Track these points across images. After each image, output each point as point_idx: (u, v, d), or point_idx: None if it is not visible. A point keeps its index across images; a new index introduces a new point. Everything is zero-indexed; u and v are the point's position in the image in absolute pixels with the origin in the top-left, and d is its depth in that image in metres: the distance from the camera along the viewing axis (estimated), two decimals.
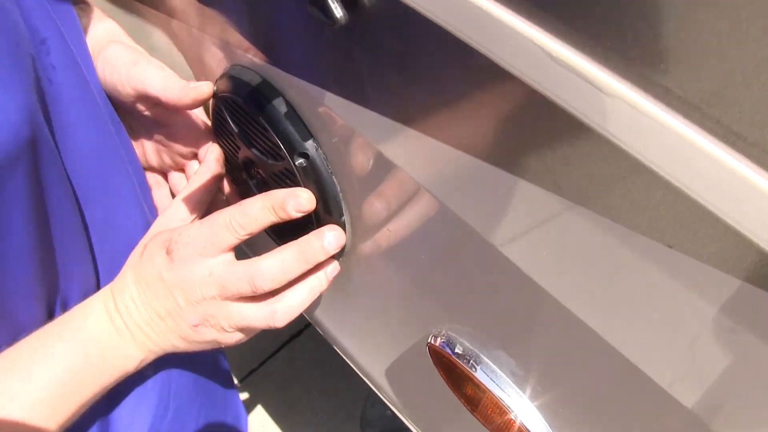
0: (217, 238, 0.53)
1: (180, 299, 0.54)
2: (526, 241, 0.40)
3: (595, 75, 0.30)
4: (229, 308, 0.54)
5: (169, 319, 0.55)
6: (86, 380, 0.53)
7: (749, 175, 0.27)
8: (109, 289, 0.56)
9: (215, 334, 0.56)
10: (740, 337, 0.32)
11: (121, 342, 0.55)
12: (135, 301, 0.55)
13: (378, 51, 0.43)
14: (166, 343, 0.56)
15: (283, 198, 0.53)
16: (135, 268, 0.56)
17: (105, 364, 0.54)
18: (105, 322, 0.55)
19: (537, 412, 0.50)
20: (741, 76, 0.26)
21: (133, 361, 0.56)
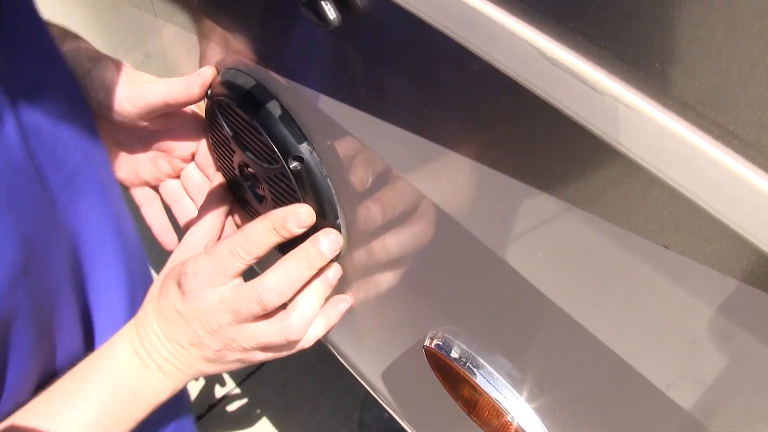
0: (223, 266, 0.54)
1: (198, 329, 0.56)
2: (522, 242, 0.40)
3: (590, 74, 0.30)
4: (246, 330, 0.55)
5: (192, 348, 0.57)
6: (121, 417, 0.56)
7: (745, 174, 0.27)
8: (133, 325, 0.58)
9: (239, 355, 0.58)
10: (737, 338, 0.32)
11: (149, 376, 0.57)
12: (157, 335, 0.57)
13: (372, 53, 0.43)
14: (194, 369, 0.58)
15: (283, 217, 0.54)
16: (154, 302, 0.58)
17: (137, 400, 0.57)
18: (132, 358, 0.57)
19: (534, 414, 0.50)
20: (737, 75, 0.26)
21: (164, 392, 0.58)
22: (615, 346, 0.38)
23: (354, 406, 1.49)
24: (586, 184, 0.34)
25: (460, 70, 0.37)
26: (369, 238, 0.54)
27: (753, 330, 0.31)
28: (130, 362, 0.57)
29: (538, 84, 0.32)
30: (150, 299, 0.59)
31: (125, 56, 0.92)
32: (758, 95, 0.26)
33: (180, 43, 0.70)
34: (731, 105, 0.27)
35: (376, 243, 0.54)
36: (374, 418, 1.39)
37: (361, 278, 0.59)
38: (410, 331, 0.58)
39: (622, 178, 0.32)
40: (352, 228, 0.56)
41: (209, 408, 1.49)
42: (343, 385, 1.53)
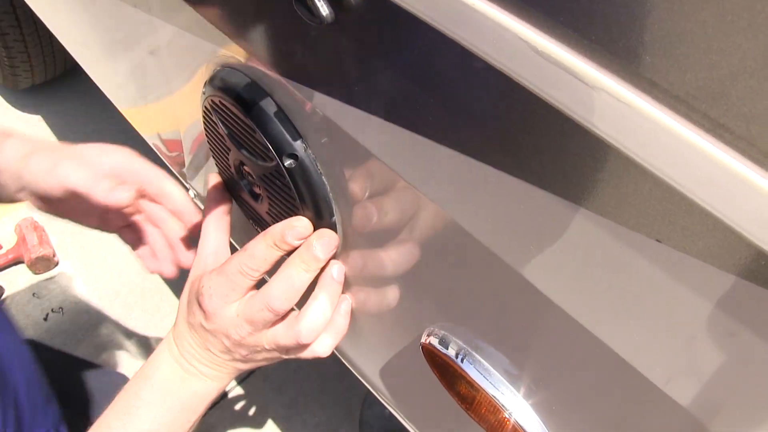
0: (235, 284, 0.58)
1: (225, 341, 0.60)
2: (515, 237, 0.40)
3: (580, 68, 0.30)
4: (266, 335, 0.60)
5: (224, 355, 0.62)
6: (173, 425, 0.62)
7: (737, 167, 0.27)
8: (171, 337, 0.64)
9: (265, 355, 0.62)
10: (731, 331, 0.32)
11: (194, 381, 0.63)
12: (193, 346, 0.62)
13: (365, 49, 0.43)
14: (232, 369, 0.64)
15: (282, 232, 0.57)
16: (184, 316, 0.63)
17: (185, 406, 0.63)
18: (175, 369, 0.63)
19: (531, 410, 0.49)
20: (727, 68, 0.26)
21: (211, 393, 0.64)
22: (611, 342, 0.38)
23: (355, 403, 1.49)
24: (577, 178, 0.34)
25: (452, 65, 0.37)
26: (365, 235, 0.54)
27: (747, 323, 0.31)
28: (173, 373, 0.62)
29: (529, 78, 0.32)
30: (181, 313, 0.64)
31: (123, 54, 0.92)
32: (749, 88, 0.26)
33: (175, 41, 0.70)
34: (722, 98, 0.27)
35: (372, 240, 0.54)
36: (375, 416, 1.39)
37: (357, 275, 0.59)
38: (407, 328, 0.58)
39: (614, 172, 0.31)
40: (347, 225, 0.56)
41: (211, 405, 1.49)
42: (345, 383, 1.53)
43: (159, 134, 1.00)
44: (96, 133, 1.98)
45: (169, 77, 0.78)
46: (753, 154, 0.27)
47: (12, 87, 1.99)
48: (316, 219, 0.56)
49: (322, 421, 1.49)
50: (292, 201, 0.57)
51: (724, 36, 0.26)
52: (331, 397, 1.52)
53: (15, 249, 1.67)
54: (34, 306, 1.63)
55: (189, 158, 0.90)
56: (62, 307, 1.63)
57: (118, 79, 1.03)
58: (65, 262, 1.71)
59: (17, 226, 1.71)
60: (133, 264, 1.71)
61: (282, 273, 0.57)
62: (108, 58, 1.01)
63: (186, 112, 0.79)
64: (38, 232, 1.69)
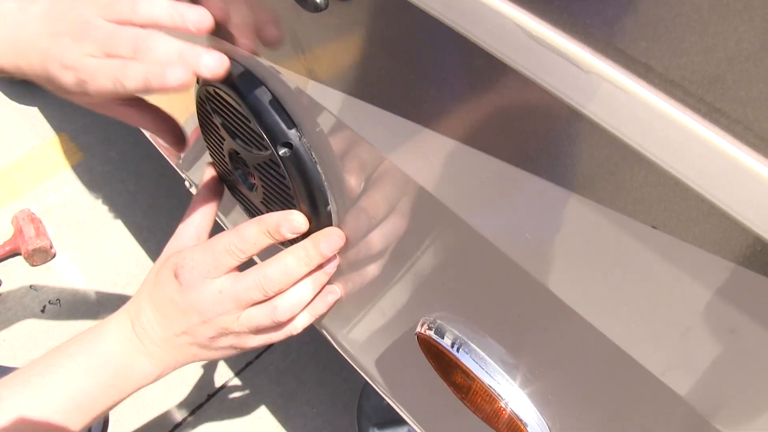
0: (219, 262, 0.57)
1: (194, 318, 0.58)
2: (510, 225, 0.40)
3: (574, 52, 0.30)
4: (241, 316, 0.58)
5: (185, 336, 0.59)
6: (98, 398, 0.58)
7: (733, 152, 0.27)
8: (125, 312, 0.61)
9: (232, 341, 0.60)
10: (727, 317, 0.31)
11: (135, 362, 0.59)
12: (152, 323, 0.60)
13: (359, 37, 0.42)
14: (184, 356, 0.61)
15: (278, 222, 0.56)
16: (149, 292, 0.61)
17: (118, 384, 0.59)
18: (121, 342, 0.59)
19: (527, 400, 0.49)
20: (723, 52, 0.26)
21: (148, 378, 0.61)
22: (608, 332, 0.38)
23: (353, 394, 1.49)
24: (572, 164, 0.34)
25: (446, 52, 0.36)
26: (360, 225, 0.54)
27: (742, 309, 0.31)
28: (118, 345, 0.59)
29: (524, 63, 0.32)
30: (144, 288, 0.61)
31: None
32: (744, 71, 0.25)
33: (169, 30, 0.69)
34: (718, 82, 0.26)
35: (367, 229, 0.54)
36: (373, 407, 1.39)
37: (352, 264, 0.59)
38: (403, 318, 0.58)
39: (609, 157, 0.31)
40: (342, 214, 0.56)
41: (208, 397, 1.49)
42: (342, 374, 1.53)
43: None
44: (93, 125, 1.97)
45: None
46: (749, 139, 0.26)
47: (9, 78, 1.98)
48: (311, 208, 0.56)
49: (320, 412, 1.49)
50: (286, 190, 0.56)
51: (720, 19, 0.25)
52: (329, 389, 1.52)
53: (12, 241, 1.67)
54: (31, 298, 1.62)
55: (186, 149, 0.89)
56: (59, 299, 1.63)
57: None
58: (62, 254, 1.71)
59: (14, 218, 1.70)
60: (131, 255, 1.71)
61: (280, 259, 0.57)
62: None
63: (183, 103, 0.79)
64: (35, 224, 1.68)
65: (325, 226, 0.57)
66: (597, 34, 0.29)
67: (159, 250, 0.65)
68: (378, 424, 1.36)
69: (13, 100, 2.05)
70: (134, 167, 1.89)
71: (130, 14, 0.51)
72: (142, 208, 1.79)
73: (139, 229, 1.76)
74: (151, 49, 0.50)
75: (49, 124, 1.98)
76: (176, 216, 0.68)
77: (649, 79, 0.28)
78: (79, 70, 0.51)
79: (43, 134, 1.95)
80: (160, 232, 1.73)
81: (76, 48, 0.51)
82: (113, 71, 0.50)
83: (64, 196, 1.82)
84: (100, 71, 0.51)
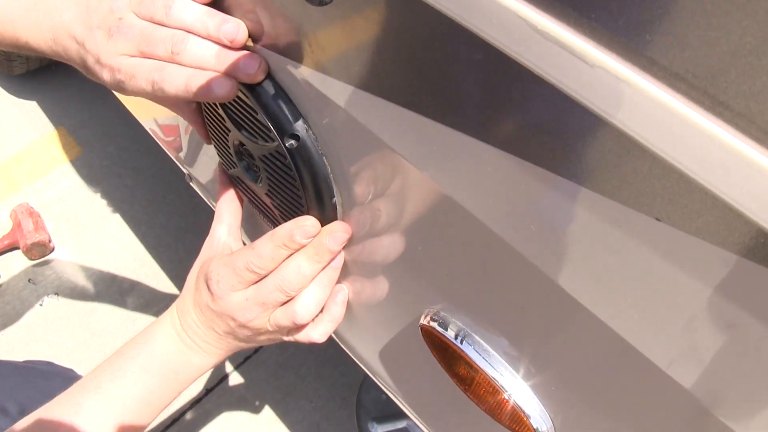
0: (241, 278, 0.60)
1: (230, 323, 0.62)
2: (515, 217, 0.40)
3: (580, 46, 0.30)
4: (270, 318, 0.62)
5: (227, 335, 0.64)
6: (164, 392, 0.65)
7: (736, 145, 0.27)
8: (175, 311, 0.66)
9: (268, 336, 0.64)
10: (730, 309, 0.32)
11: (192, 355, 0.65)
12: (196, 323, 0.64)
13: (364, 29, 0.42)
14: (232, 347, 0.66)
15: (290, 231, 0.58)
16: (191, 294, 0.65)
17: (179, 376, 0.65)
18: (175, 341, 0.65)
19: (531, 392, 0.50)
20: (726, 45, 0.26)
21: (206, 367, 0.67)
22: (612, 323, 0.38)
23: (351, 388, 1.49)
24: (577, 157, 0.34)
25: (451, 45, 0.37)
26: (365, 217, 0.54)
27: (745, 301, 0.31)
28: (172, 344, 0.64)
29: (529, 57, 0.32)
30: (188, 290, 0.66)
31: None
32: (748, 64, 0.26)
33: None
34: (722, 75, 0.27)
35: (373, 221, 0.54)
36: (372, 400, 1.39)
37: (357, 257, 0.59)
38: (406, 310, 0.58)
39: (613, 150, 0.32)
40: (347, 206, 0.56)
41: (207, 391, 1.50)
42: (341, 368, 1.54)
43: (156, 119, 1.00)
44: (92, 119, 1.97)
45: None
46: (753, 132, 0.27)
47: (7, 73, 1.98)
48: (317, 200, 0.56)
49: (318, 405, 1.49)
50: (292, 182, 0.57)
51: (724, 13, 0.26)
52: (328, 382, 1.52)
53: (10, 235, 1.67)
54: (29, 292, 1.62)
55: (186, 143, 0.89)
56: (58, 293, 1.63)
57: None
58: (61, 248, 1.71)
59: (12, 212, 1.70)
60: (129, 249, 1.71)
61: (294, 260, 0.59)
62: None
63: None
64: (34, 218, 1.68)
65: (330, 218, 0.58)
66: (602, 28, 0.30)
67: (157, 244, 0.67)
68: (377, 417, 1.36)
69: (11, 94, 2.04)
70: (133, 162, 1.88)
71: (162, 16, 0.51)
72: (141, 203, 1.79)
73: (137, 223, 1.76)
74: (188, 51, 0.51)
75: (48, 119, 1.97)
76: (174, 211, 0.68)
77: (653, 72, 0.29)
78: (115, 69, 0.52)
79: (42, 128, 1.94)
80: (159, 226, 1.74)
81: (111, 46, 0.52)
82: (151, 74, 0.51)
83: (63, 191, 1.82)
84: (137, 73, 0.52)
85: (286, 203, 0.61)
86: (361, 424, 1.38)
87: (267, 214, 0.67)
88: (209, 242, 0.68)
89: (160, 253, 1.69)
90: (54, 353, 1.52)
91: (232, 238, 0.68)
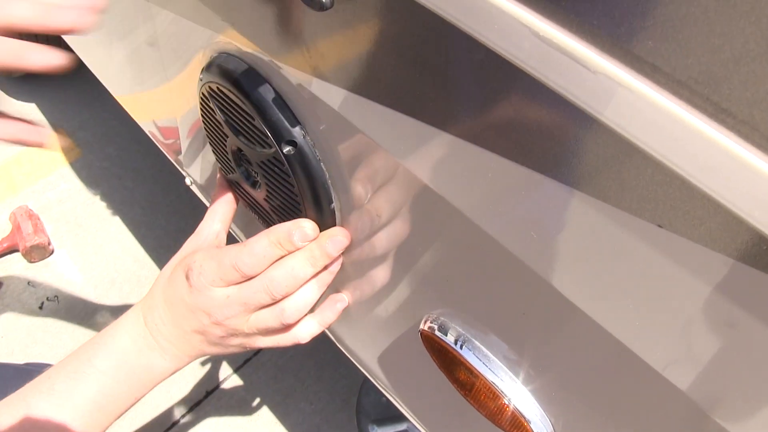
0: (225, 275, 0.58)
1: (204, 319, 0.59)
2: (516, 223, 0.40)
3: (582, 53, 0.30)
4: (250, 318, 0.59)
5: (195, 335, 0.61)
6: (120, 397, 0.61)
7: (740, 152, 0.27)
8: (139, 309, 0.63)
9: (241, 340, 0.61)
10: (730, 315, 0.32)
11: (152, 357, 0.61)
12: (163, 320, 0.61)
13: (364, 36, 0.42)
14: (196, 351, 0.62)
15: (288, 231, 0.56)
16: (163, 288, 0.62)
17: (136, 381, 0.61)
18: (135, 341, 0.61)
19: (531, 396, 0.50)
20: (729, 52, 0.26)
21: (165, 373, 0.63)
22: (611, 328, 0.38)
23: (351, 391, 1.49)
24: (579, 163, 0.34)
25: (450, 51, 0.37)
26: (364, 222, 0.54)
27: (746, 306, 0.31)
28: (133, 344, 0.61)
29: (531, 63, 0.32)
30: (159, 284, 0.63)
31: (118, 41, 0.92)
32: (751, 72, 0.26)
33: (172, 27, 0.69)
34: (724, 82, 0.27)
35: (371, 227, 0.54)
36: (372, 403, 1.39)
37: (356, 262, 0.59)
38: (406, 315, 0.58)
39: (616, 156, 0.31)
40: (346, 212, 0.56)
41: (207, 394, 1.49)
42: (341, 371, 1.54)
43: (155, 121, 1.00)
44: (91, 120, 1.97)
45: (166, 64, 0.77)
46: (756, 139, 0.27)
47: (6, 74, 1.98)
48: (315, 205, 0.56)
49: (318, 408, 1.49)
50: (290, 187, 0.57)
51: (727, 20, 0.26)
52: (328, 385, 1.52)
53: (10, 237, 1.67)
54: (29, 294, 1.62)
55: (185, 145, 0.89)
56: (57, 296, 1.63)
57: (113, 65, 1.02)
58: (60, 251, 1.71)
59: (12, 215, 1.70)
60: (129, 252, 1.71)
61: (286, 262, 0.57)
62: (103, 45, 1.00)
63: (183, 99, 0.79)
64: (33, 220, 1.68)
65: (329, 223, 0.57)
66: (604, 34, 0.29)
67: (157, 246, 0.66)
68: (377, 420, 1.36)
69: (11, 96, 2.04)
70: (132, 164, 1.89)
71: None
72: (140, 205, 1.79)
73: (137, 225, 1.76)
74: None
75: (47, 120, 1.97)
76: (174, 212, 0.68)
77: (656, 79, 0.29)
78: None
79: None
80: (158, 228, 1.74)
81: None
82: None
83: (62, 193, 1.82)
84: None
85: (285, 209, 0.60)
86: (361, 427, 1.38)
87: (266, 219, 0.67)
88: (194, 239, 0.65)
89: (160, 255, 1.69)
90: (54, 355, 1.52)
91: (219, 240, 0.65)
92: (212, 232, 0.65)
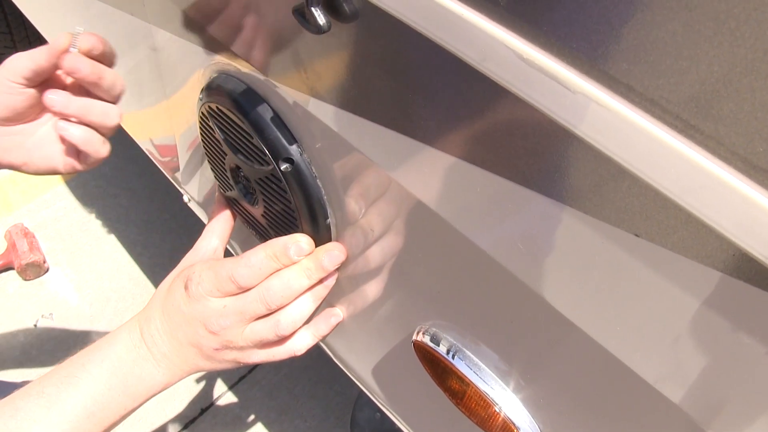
0: (222, 286, 0.58)
1: (200, 330, 0.59)
2: (504, 236, 0.42)
3: (563, 74, 0.32)
4: (245, 330, 0.59)
5: (190, 347, 0.61)
6: (111, 406, 0.60)
7: (707, 166, 0.29)
8: (137, 320, 0.62)
9: (236, 354, 0.61)
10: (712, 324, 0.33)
11: (145, 367, 0.61)
12: (159, 331, 0.61)
13: (360, 57, 0.44)
14: (190, 365, 0.62)
15: (285, 245, 0.58)
16: (161, 300, 0.62)
17: (128, 392, 0.61)
18: (130, 352, 0.61)
19: (521, 404, 0.51)
20: (695, 73, 0.28)
21: (157, 386, 0.62)
22: (598, 337, 0.39)
23: (346, 407, 1.49)
24: (561, 178, 0.36)
25: (442, 71, 0.39)
26: (358, 237, 0.56)
27: (720, 313, 0.33)
28: (127, 353, 0.60)
29: (515, 83, 0.34)
30: (157, 296, 0.63)
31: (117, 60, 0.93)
32: (715, 91, 0.28)
33: (171, 48, 0.71)
34: (692, 101, 0.29)
35: (366, 241, 0.55)
36: (366, 419, 1.40)
37: (351, 275, 0.61)
38: (399, 326, 0.59)
39: (595, 171, 0.33)
40: (341, 227, 0.57)
41: (201, 411, 1.49)
42: (335, 388, 1.54)
43: (152, 139, 1.01)
44: None
45: (165, 83, 0.79)
46: (722, 153, 0.29)
47: None
48: (311, 221, 0.57)
49: (313, 425, 1.50)
50: (287, 203, 0.58)
51: (693, 44, 0.28)
52: (322, 402, 1.53)
53: (5, 255, 1.67)
54: (24, 312, 1.62)
55: (184, 163, 0.91)
56: (53, 314, 1.63)
57: None
58: (55, 269, 1.71)
59: (7, 233, 1.70)
60: (124, 270, 1.71)
61: (282, 273, 0.58)
62: None
63: (181, 117, 0.80)
64: (28, 238, 1.69)
65: (324, 238, 0.59)
66: (583, 57, 0.31)
67: (152, 264, 0.66)
68: None
69: None
70: (127, 182, 1.89)
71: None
72: (136, 224, 1.80)
73: (132, 244, 1.76)
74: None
75: None
76: (169, 231, 0.69)
77: (630, 98, 0.31)
78: None
79: None
80: (154, 247, 1.74)
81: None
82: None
83: (58, 211, 1.82)
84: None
85: (282, 224, 0.62)
86: None
87: (263, 235, 0.68)
88: (191, 255, 0.66)
89: (155, 274, 1.69)
90: None
91: (216, 256, 0.66)
92: (210, 249, 0.66)
